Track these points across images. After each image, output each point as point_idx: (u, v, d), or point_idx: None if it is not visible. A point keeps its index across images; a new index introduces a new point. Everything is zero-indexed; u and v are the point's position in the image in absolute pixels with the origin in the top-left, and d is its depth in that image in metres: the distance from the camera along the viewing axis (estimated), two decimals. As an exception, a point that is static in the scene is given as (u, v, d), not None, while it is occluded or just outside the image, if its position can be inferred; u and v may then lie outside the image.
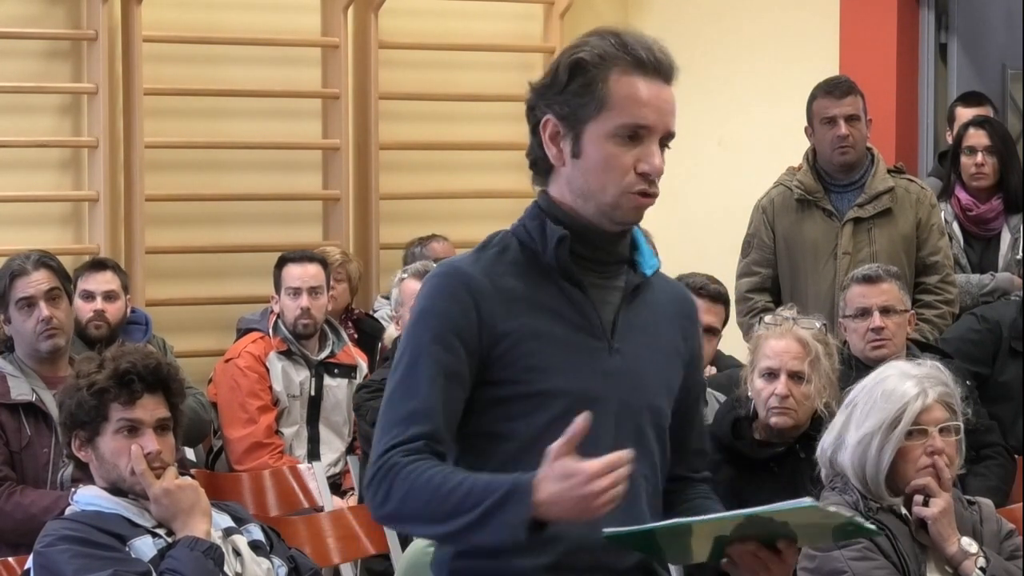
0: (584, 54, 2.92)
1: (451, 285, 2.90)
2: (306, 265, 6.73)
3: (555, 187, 2.97)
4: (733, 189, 7.85)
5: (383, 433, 2.88)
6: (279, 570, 3.94)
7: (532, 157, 2.99)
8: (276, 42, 7.94)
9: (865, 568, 4.04)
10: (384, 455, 2.85)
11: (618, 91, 2.90)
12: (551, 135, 2.93)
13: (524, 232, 2.97)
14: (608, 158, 2.90)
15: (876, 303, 5.63)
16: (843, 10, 7.86)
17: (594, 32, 3.00)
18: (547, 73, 2.98)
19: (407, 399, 2.87)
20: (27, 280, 5.37)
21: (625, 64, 2.92)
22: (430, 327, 2.89)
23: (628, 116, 2.90)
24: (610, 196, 2.92)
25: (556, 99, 2.92)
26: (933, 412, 4.11)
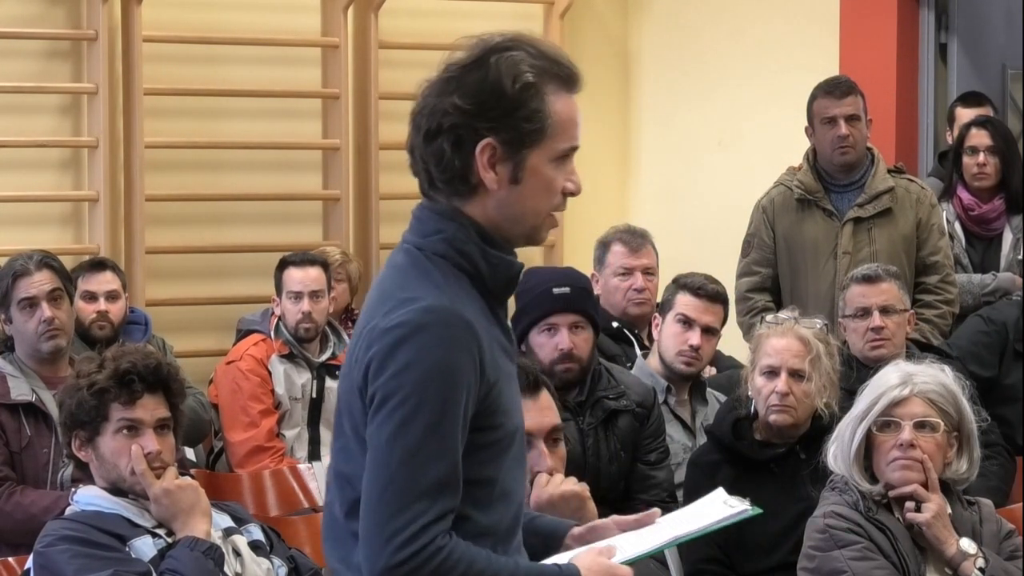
0: (532, 76, 2.78)
1: (462, 337, 2.73)
2: (307, 269, 6.72)
3: (476, 207, 2.81)
4: (733, 189, 7.85)
5: (409, 499, 2.66)
6: (279, 570, 3.94)
7: (446, 176, 2.81)
8: (276, 42, 7.93)
9: (865, 568, 4.04)
10: (421, 535, 2.66)
11: (560, 114, 2.81)
12: (489, 159, 2.78)
13: (458, 257, 2.82)
14: (549, 183, 2.82)
15: (876, 303, 5.63)
16: (843, 10, 7.86)
17: (512, 44, 2.82)
18: (477, 92, 2.78)
19: (433, 464, 2.68)
20: (29, 280, 5.37)
21: (557, 82, 2.82)
22: (451, 384, 2.70)
23: (569, 140, 2.82)
24: (540, 219, 2.85)
25: (502, 123, 2.78)
26: (910, 406, 4.12)
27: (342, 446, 2.83)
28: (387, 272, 2.87)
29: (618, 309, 6.37)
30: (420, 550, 2.66)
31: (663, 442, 5.30)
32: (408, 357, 2.70)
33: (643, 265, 6.47)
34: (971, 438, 4.19)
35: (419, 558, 2.66)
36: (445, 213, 2.83)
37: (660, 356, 5.61)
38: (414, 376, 2.69)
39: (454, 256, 2.82)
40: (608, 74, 8.62)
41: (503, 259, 2.84)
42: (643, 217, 8.15)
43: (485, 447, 2.78)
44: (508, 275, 2.86)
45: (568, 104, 2.83)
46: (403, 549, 2.66)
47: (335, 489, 2.85)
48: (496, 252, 2.83)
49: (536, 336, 5.14)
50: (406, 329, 2.72)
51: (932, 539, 4.11)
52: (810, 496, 4.56)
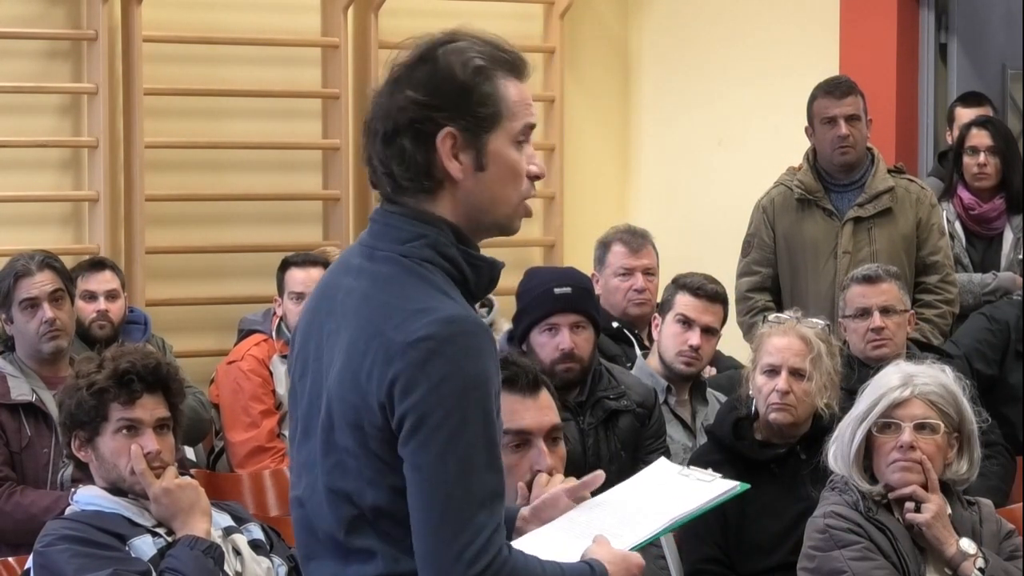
0: (480, 59, 2.79)
1: (487, 344, 2.70)
2: (309, 270, 6.72)
3: (442, 205, 2.78)
4: (733, 189, 7.85)
5: (471, 513, 2.64)
6: (279, 569, 3.94)
7: (411, 173, 2.77)
8: (276, 42, 7.93)
9: (865, 568, 4.05)
10: (490, 546, 2.64)
11: (511, 95, 2.79)
12: (451, 148, 2.75)
13: (445, 262, 2.77)
14: (514, 165, 2.79)
15: (876, 303, 5.63)
16: (843, 10, 7.86)
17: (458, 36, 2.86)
18: (431, 83, 2.79)
19: (487, 474, 2.66)
20: (31, 281, 5.37)
21: (505, 67, 2.81)
22: (487, 393, 2.67)
23: (524, 118, 2.80)
24: (511, 206, 2.80)
25: (457, 110, 2.76)
26: (910, 408, 4.13)
27: (336, 463, 2.76)
28: (377, 284, 2.78)
29: (618, 309, 6.37)
30: (492, 561, 2.64)
31: (664, 442, 5.31)
32: (442, 372, 2.65)
33: (643, 265, 6.47)
34: (971, 439, 4.19)
35: (493, 567, 2.64)
36: (420, 216, 2.78)
37: (660, 356, 5.61)
38: (452, 390, 2.65)
39: (441, 261, 2.77)
40: (608, 74, 8.62)
41: (485, 260, 2.82)
42: (643, 217, 8.15)
43: None
44: (491, 275, 2.83)
45: (516, 86, 2.81)
46: (476, 563, 2.64)
47: (328, 508, 2.78)
48: (477, 253, 2.81)
49: (537, 336, 5.14)
50: (433, 343, 2.66)
51: (932, 539, 4.11)
52: (810, 496, 4.56)
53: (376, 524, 2.73)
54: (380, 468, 2.72)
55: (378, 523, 2.73)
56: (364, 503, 2.73)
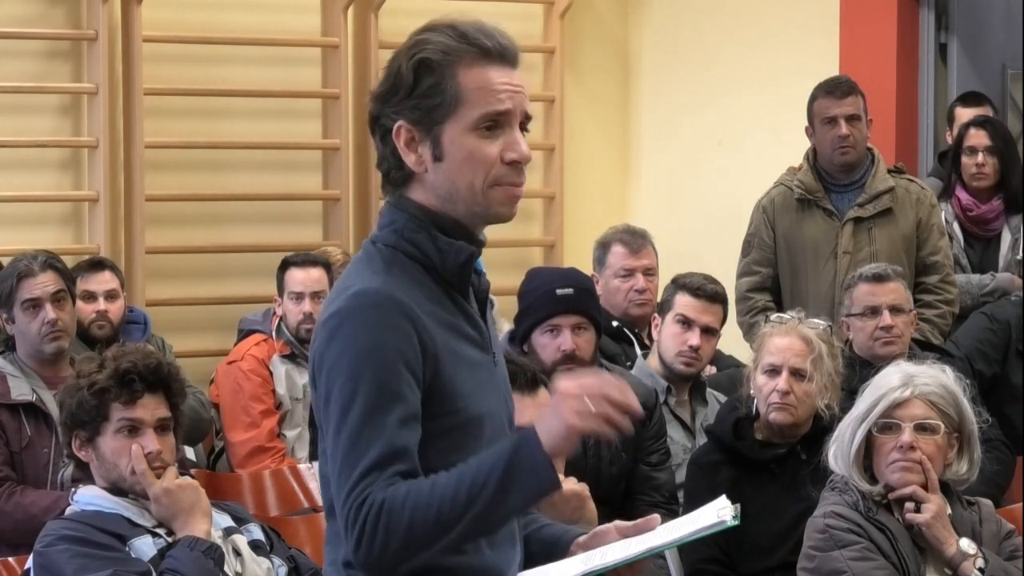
0: (427, 53, 2.78)
1: (390, 315, 2.71)
2: (309, 270, 6.72)
3: (418, 194, 2.82)
4: (733, 189, 7.85)
5: (355, 481, 2.67)
6: (279, 570, 3.94)
7: (385, 167, 2.84)
8: (276, 42, 7.94)
9: (865, 568, 4.05)
10: (363, 501, 2.66)
11: (469, 84, 2.77)
12: (406, 142, 2.79)
13: (408, 245, 2.81)
14: (472, 152, 2.77)
15: (886, 302, 5.64)
16: (843, 10, 7.86)
17: (428, 28, 2.83)
18: (386, 79, 2.83)
19: (375, 443, 2.68)
20: (33, 281, 5.37)
21: (471, 55, 2.78)
22: (382, 363, 2.69)
23: (485, 105, 2.77)
24: (478, 193, 2.78)
25: (405, 104, 2.79)
26: (911, 408, 4.13)
27: (322, 450, 2.83)
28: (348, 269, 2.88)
29: (620, 310, 6.36)
30: (365, 519, 2.66)
31: (664, 444, 5.30)
32: (339, 346, 2.73)
33: (644, 266, 6.47)
34: (972, 439, 4.19)
35: (367, 527, 2.67)
36: (398, 205, 2.84)
37: (660, 356, 5.61)
38: (345, 365, 2.72)
39: (404, 245, 2.81)
40: (608, 74, 8.62)
41: (453, 244, 2.81)
42: (643, 217, 8.15)
43: (446, 433, 2.76)
44: (458, 260, 2.82)
45: (481, 74, 2.78)
46: (353, 528, 2.68)
47: (322, 491, 2.88)
48: (446, 238, 2.81)
49: (539, 337, 5.14)
50: (336, 319, 2.74)
51: (932, 539, 4.11)
52: (810, 496, 4.56)
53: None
54: None
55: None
56: (332, 488, 2.78)
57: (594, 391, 2.69)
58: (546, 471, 2.67)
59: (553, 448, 2.67)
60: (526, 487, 2.67)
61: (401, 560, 2.70)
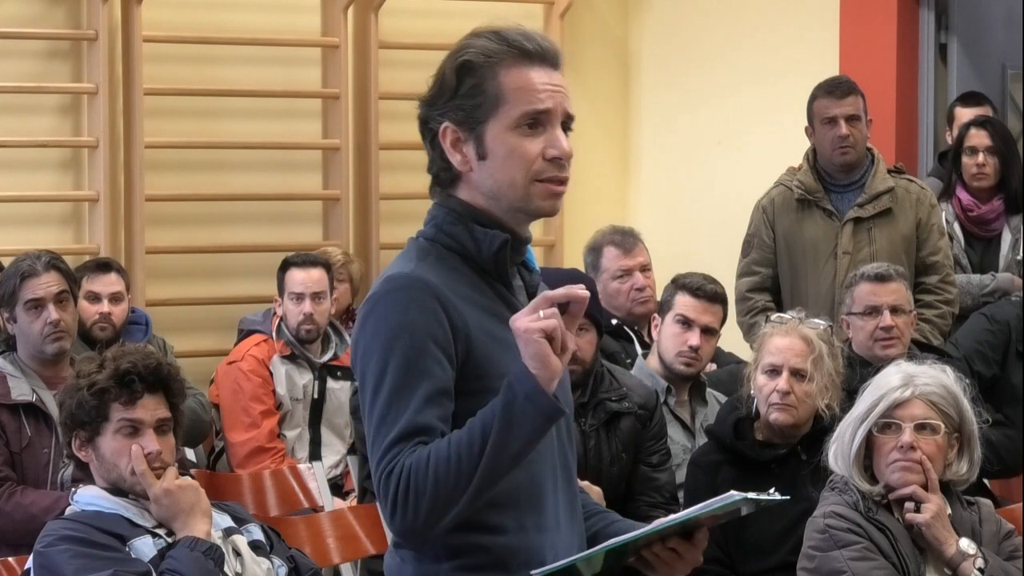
0: (469, 56, 2.90)
1: (419, 296, 2.82)
2: (310, 270, 6.72)
3: (465, 193, 2.93)
4: (733, 189, 7.85)
5: (380, 456, 2.78)
6: (279, 570, 3.94)
7: (435, 170, 2.95)
8: (276, 42, 7.94)
9: (864, 568, 4.05)
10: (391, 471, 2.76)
11: (510, 84, 2.88)
12: (452, 142, 2.90)
13: (446, 237, 2.92)
14: (513, 150, 2.87)
15: (887, 302, 5.63)
16: (843, 10, 7.86)
17: (472, 34, 2.95)
18: (433, 83, 2.94)
19: (401, 418, 2.78)
20: (37, 281, 5.36)
21: (511, 57, 2.90)
22: (410, 342, 2.80)
23: (525, 104, 2.88)
24: (520, 188, 2.88)
25: (449, 106, 2.90)
26: (911, 408, 4.13)
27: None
28: None
29: (623, 311, 6.36)
30: (396, 486, 2.76)
31: (665, 444, 5.30)
32: (372, 328, 2.84)
33: (639, 264, 6.47)
34: (972, 440, 4.19)
35: (399, 494, 2.76)
36: (442, 202, 2.96)
37: (660, 357, 5.61)
38: (377, 345, 2.83)
39: (442, 237, 2.92)
40: (608, 74, 8.62)
41: (486, 232, 2.91)
42: (643, 217, 8.16)
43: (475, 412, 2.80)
44: (492, 247, 2.91)
45: (522, 74, 2.89)
46: (386, 498, 2.78)
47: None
48: (481, 228, 2.90)
49: (539, 337, 5.13)
50: (369, 304, 2.87)
51: (931, 539, 4.11)
52: (810, 496, 4.56)
53: None
54: None
55: None
56: None
57: (538, 303, 2.80)
58: (541, 396, 2.74)
59: (538, 369, 2.74)
60: (528, 416, 2.75)
61: (435, 521, 2.78)
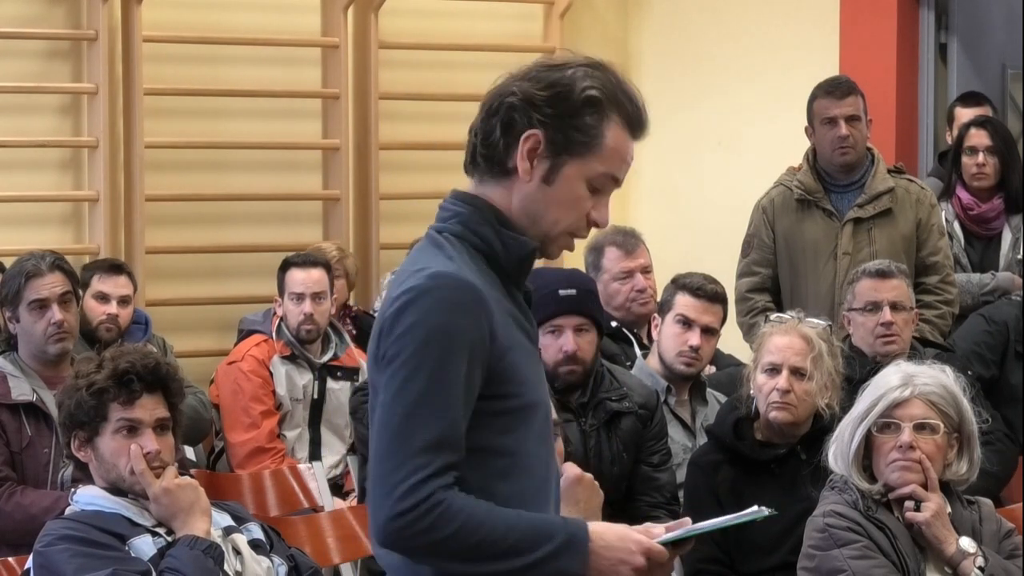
0: (602, 93, 2.89)
1: (466, 301, 2.80)
2: (310, 270, 6.72)
3: (500, 192, 2.91)
4: (733, 189, 7.85)
5: (409, 454, 2.74)
6: (279, 569, 3.94)
7: (488, 152, 2.90)
8: (276, 42, 7.94)
9: (864, 567, 4.05)
10: (421, 487, 2.72)
11: (611, 142, 2.90)
12: (530, 150, 2.87)
13: (474, 237, 2.90)
14: (576, 200, 2.89)
15: (887, 298, 5.64)
16: (843, 10, 7.86)
17: (603, 66, 2.94)
18: (547, 86, 2.88)
19: (434, 422, 2.76)
20: (41, 281, 5.36)
21: (623, 116, 2.93)
22: (451, 346, 2.77)
23: (611, 168, 2.91)
24: (557, 231, 2.91)
25: (555, 122, 2.87)
26: (910, 408, 4.13)
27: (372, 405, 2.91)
28: (407, 258, 2.96)
29: (622, 311, 6.36)
30: (420, 501, 2.73)
31: (665, 444, 5.30)
32: (412, 319, 2.78)
33: (640, 265, 6.46)
34: (971, 439, 4.19)
35: (419, 509, 2.72)
36: (465, 199, 2.93)
37: (660, 357, 5.61)
38: (416, 337, 2.77)
39: (470, 236, 2.90)
40: (608, 74, 8.61)
41: (516, 238, 2.90)
42: (643, 217, 8.15)
43: (502, 415, 2.83)
44: (520, 254, 2.91)
45: (623, 140, 2.93)
46: (404, 500, 2.73)
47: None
48: (509, 232, 2.90)
49: (541, 337, 5.13)
50: (413, 294, 2.80)
51: (931, 538, 4.11)
52: (810, 496, 4.56)
53: None
54: None
55: None
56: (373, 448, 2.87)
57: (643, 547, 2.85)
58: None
59: (594, 565, 2.80)
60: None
61: (423, 554, 2.78)
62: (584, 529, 2.81)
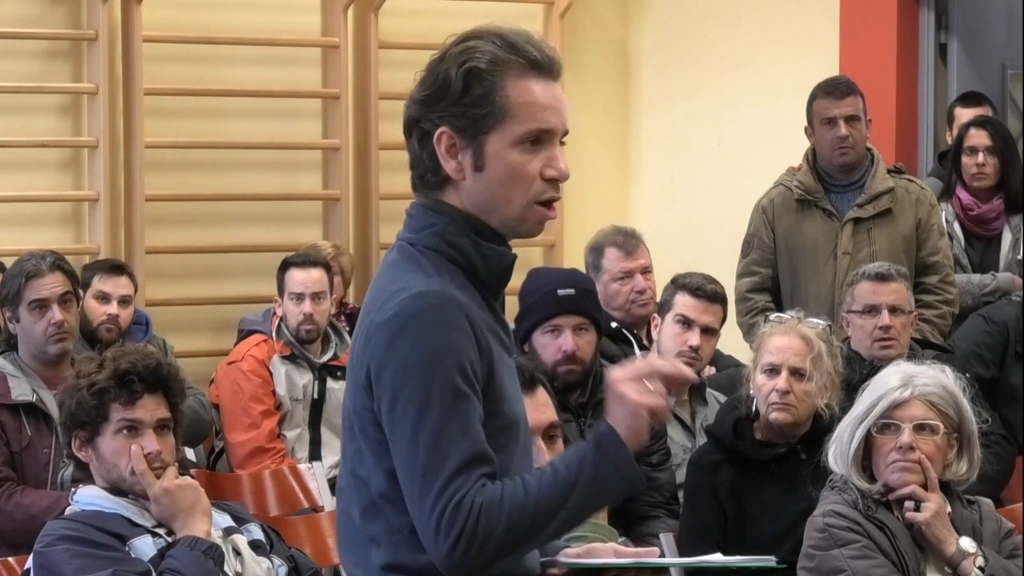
0: (477, 62, 2.79)
1: (455, 317, 2.72)
2: (309, 270, 6.72)
3: (453, 199, 2.82)
4: (733, 189, 7.85)
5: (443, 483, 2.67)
6: (279, 569, 3.94)
7: (419, 171, 2.82)
8: (276, 42, 7.94)
9: (864, 567, 4.05)
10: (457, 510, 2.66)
11: (516, 97, 2.78)
12: (447, 148, 2.78)
13: (450, 249, 2.80)
14: (515, 167, 2.78)
15: (886, 302, 5.64)
16: (843, 10, 7.86)
17: (475, 35, 2.85)
18: (431, 83, 2.81)
19: (460, 444, 2.68)
20: (42, 282, 5.37)
21: (519, 67, 2.80)
22: (453, 364, 2.70)
23: (532, 122, 2.78)
24: (517, 208, 2.80)
25: (450, 111, 2.78)
26: (910, 408, 4.13)
27: (356, 449, 2.82)
28: (381, 270, 2.87)
29: (622, 312, 6.36)
30: (465, 521, 2.67)
31: (664, 444, 5.30)
32: (407, 348, 2.71)
33: (640, 266, 6.45)
34: (971, 440, 4.19)
35: (466, 529, 2.67)
36: (435, 208, 2.83)
37: (659, 357, 5.60)
38: (417, 366, 2.70)
39: (446, 249, 2.81)
40: (608, 74, 8.62)
41: (495, 250, 2.83)
42: (643, 217, 8.16)
43: (492, 435, 2.76)
44: (500, 266, 2.84)
45: (529, 89, 2.80)
46: (451, 530, 2.67)
47: (352, 493, 2.84)
48: (488, 243, 2.82)
49: (540, 337, 5.14)
50: (400, 320, 2.72)
51: (931, 538, 4.11)
52: (810, 496, 4.56)
53: (382, 511, 2.79)
54: (378, 452, 2.78)
55: (383, 509, 2.78)
56: (374, 488, 2.79)
57: (646, 370, 2.75)
58: (631, 466, 2.72)
59: (631, 438, 2.73)
60: (613, 483, 2.72)
61: (494, 560, 2.71)
62: (600, 427, 2.74)
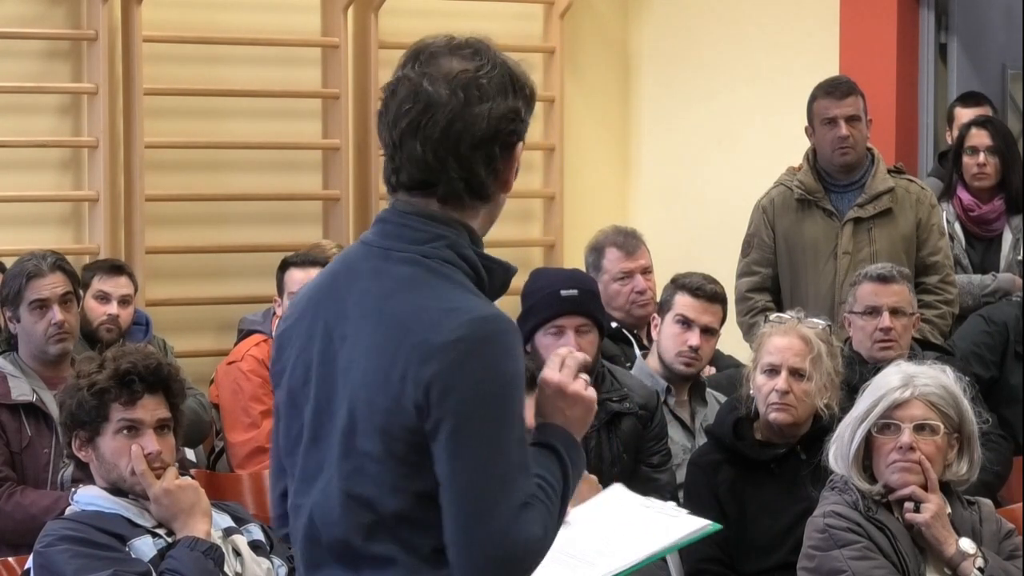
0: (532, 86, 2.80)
1: (519, 343, 2.71)
2: (309, 270, 6.70)
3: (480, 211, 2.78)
4: (733, 189, 7.85)
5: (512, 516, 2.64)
6: (279, 570, 3.94)
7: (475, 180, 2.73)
8: (276, 42, 7.93)
9: (864, 568, 4.05)
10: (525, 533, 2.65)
11: None
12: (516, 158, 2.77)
13: (461, 262, 2.74)
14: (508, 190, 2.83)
15: (887, 303, 5.64)
16: (843, 10, 7.86)
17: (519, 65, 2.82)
18: (508, 89, 2.74)
19: (525, 476, 2.67)
20: (42, 282, 5.37)
21: None
22: (519, 389, 2.68)
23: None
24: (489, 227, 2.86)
25: (526, 123, 2.77)
26: (910, 409, 4.13)
27: (356, 467, 2.73)
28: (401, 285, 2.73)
29: (622, 312, 6.36)
30: (526, 549, 2.66)
31: (666, 444, 5.30)
32: (480, 374, 2.64)
33: (641, 266, 6.46)
34: (972, 440, 4.19)
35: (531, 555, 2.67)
36: (436, 217, 2.75)
37: (659, 357, 5.61)
38: (490, 392, 2.65)
39: (460, 262, 2.74)
40: (608, 74, 8.62)
41: (499, 263, 2.80)
42: (643, 217, 8.15)
43: None
44: (504, 279, 2.80)
45: None
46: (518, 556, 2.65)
47: (342, 513, 2.76)
48: (491, 256, 2.79)
49: (542, 338, 5.13)
50: (469, 343, 2.65)
51: (931, 539, 4.12)
52: (810, 496, 4.57)
53: (396, 531, 2.71)
54: (406, 473, 2.69)
55: (398, 530, 2.71)
56: (385, 509, 2.70)
57: (574, 364, 2.82)
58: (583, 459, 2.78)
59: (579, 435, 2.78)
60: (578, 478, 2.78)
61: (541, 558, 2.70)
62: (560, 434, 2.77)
